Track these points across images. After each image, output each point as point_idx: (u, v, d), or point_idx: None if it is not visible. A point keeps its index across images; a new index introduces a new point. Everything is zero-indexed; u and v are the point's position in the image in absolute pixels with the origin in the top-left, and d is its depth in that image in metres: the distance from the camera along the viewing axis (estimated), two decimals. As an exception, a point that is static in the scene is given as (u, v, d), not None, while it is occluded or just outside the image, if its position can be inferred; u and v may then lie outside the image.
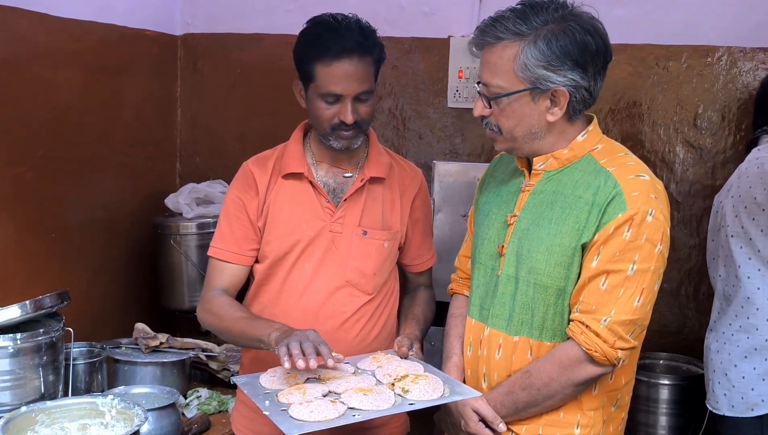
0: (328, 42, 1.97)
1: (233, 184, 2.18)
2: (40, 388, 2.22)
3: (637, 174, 1.72)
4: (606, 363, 1.71)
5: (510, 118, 1.75)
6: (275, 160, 2.15)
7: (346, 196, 2.11)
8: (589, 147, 1.79)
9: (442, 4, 3.25)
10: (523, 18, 1.69)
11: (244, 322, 1.98)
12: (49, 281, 2.75)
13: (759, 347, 2.41)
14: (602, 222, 1.68)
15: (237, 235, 2.13)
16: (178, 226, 3.21)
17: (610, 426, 1.84)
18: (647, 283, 1.69)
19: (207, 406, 2.69)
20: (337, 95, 1.99)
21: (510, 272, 1.81)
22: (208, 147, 3.62)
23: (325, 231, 2.10)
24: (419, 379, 1.80)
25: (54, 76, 2.87)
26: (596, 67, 1.72)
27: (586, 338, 1.69)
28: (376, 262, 2.12)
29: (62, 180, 2.93)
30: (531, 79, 1.69)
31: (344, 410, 1.71)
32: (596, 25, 1.72)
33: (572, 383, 1.74)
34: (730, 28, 2.97)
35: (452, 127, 3.32)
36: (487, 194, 1.98)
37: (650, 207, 1.67)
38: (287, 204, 2.11)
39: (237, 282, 2.15)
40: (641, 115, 3.11)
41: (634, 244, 1.67)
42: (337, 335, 2.07)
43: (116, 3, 3.16)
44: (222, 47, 3.55)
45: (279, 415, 1.70)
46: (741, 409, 2.44)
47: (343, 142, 2.06)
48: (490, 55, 1.74)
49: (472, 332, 1.91)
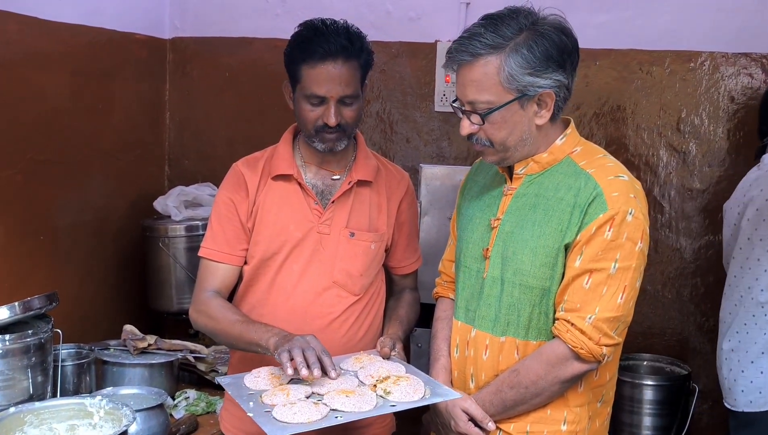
0: (314, 45, 2.00)
1: (223, 185, 2.20)
2: (29, 389, 2.23)
3: (616, 175, 1.76)
4: (591, 359, 1.74)
5: (502, 129, 1.77)
6: (265, 162, 2.17)
7: (333, 198, 2.14)
8: (568, 150, 1.83)
9: (428, 9, 3.28)
10: (497, 30, 1.72)
11: (241, 325, 2.00)
12: (38, 283, 2.76)
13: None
14: (584, 222, 1.73)
15: (228, 236, 2.15)
16: (166, 229, 3.22)
17: (596, 421, 1.88)
18: (629, 281, 1.73)
19: (195, 407, 2.71)
20: (321, 97, 2.02)
21: (495, 274, 1.84)
22: (196, 150, 3.63)
23: (312, 232, 2.12)
24: (401, 381, 1.83)
25: (43, 80, 2.89)
26: (573, 64, 1.77)
27: (571, 336, 1.73)
28: (362, 264, 2.15)
29: (51, 183, 2.94)
30: (518, 88, 1.73)
31: (327, 412, 1.74)
32: (565, 25, 1.77)
33: (559, 380, 1.77)
34: (712, 34, 3.02)
35: (439, 131, 3.35)
36: (469, 199, 2.01)
37: (630, 206, 1.71)
38: (276, 205, 2.13)
39: (229, 283, 2.17)
40: (625, 119, 3.16)
41: (615, 243, 1.71)
42: (324, 335, 2.09)
43: (105, 7, 3.18)
44: (210, 51, 3.57)
45: (262, 417, 1.72)
46: (759, 404, 2.49)
47: (326, 144, 2.08)
48: (470, 73, 1.75)
49: (458, 334, 1.94)
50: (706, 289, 3.11)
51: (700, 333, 3.14)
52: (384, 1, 3.32)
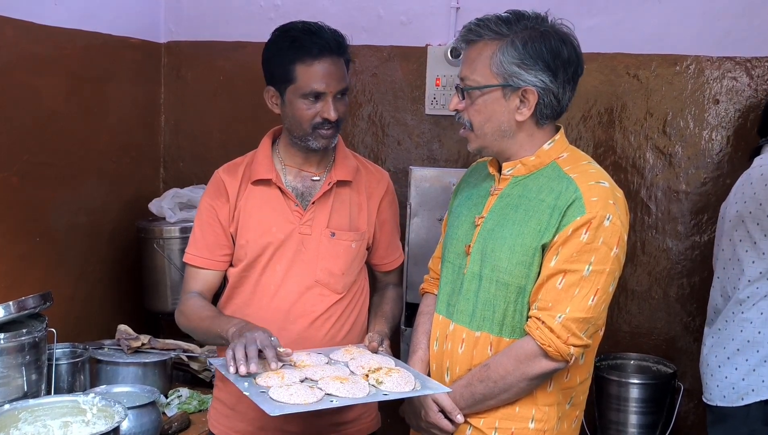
0: (307, 43, 2.05)
1: (205, 191, 2.25)
2: (23, 387, 2.27)
3: (597, 180, 1.80)
4: (559, 358, 1.77)
5: (481, 112, 1.84)
6: (245, 167, 2.22)
7: (313, 199, 2.18)
8: (555, 155, 1.87)
9: (419, 13, 3.33)
10: (506, 22, 1.82)
11: (209, 320, 2.06)
12: (33, 284, 2.80)
13: (751, 340, 2.52)
14: (562, 224, 1.76)
15: (209, 242, 2.20)
16: (161, 231, 3.28)
17: (564, 423, 1.91)
18: (602, 284, 1.76)
19: (187, 405, 2.75)
20: (319, 93, 2.07)
21: (475, 270, 1.89)
22: (191, 153, 3.68)
23: (294, 233, 2.16)
24: (392, 372, 1.87)
25: (39, 83, 2.93)
26: (566, 75, 1.81)
27: (541, 333, 1.77)
28: (344, 262, 2.19)
29: (47, 185, 2.99)
30: (504, 76, 1.79)
31: (322, 396, 1.79)
32: (571, 38, 1.83)
33: (527, 377, 1.80)
34: (698, 38, 3.06)
35: (430, 134, 3.40)
36: (460, 198, 2.06)
37: (608, 212, 1.75)
38: (257, 209, 2.18)
39: (211, 286, 2.22)
40: (612, 122, 3.20)
41: (590, 247, 1.74)
42: (307, 334, 2.14)
43: (100, 11, 3.22)
44: (205, 55, 3.62)
45: (259, 396, 1.76)
46: (732, 399, 2.54)
47: (322, 141, 2.13)
48: (471, 52, 1.85)
49: (438, 328, 1.98)
50: (692, 290, 3.15)
51: (686, 332, 3.18)
52: (376, 6, 3.37)
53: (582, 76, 1.88)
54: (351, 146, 3.40)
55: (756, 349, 2.52)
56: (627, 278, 3.23)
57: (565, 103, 1.86)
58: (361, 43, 3.37)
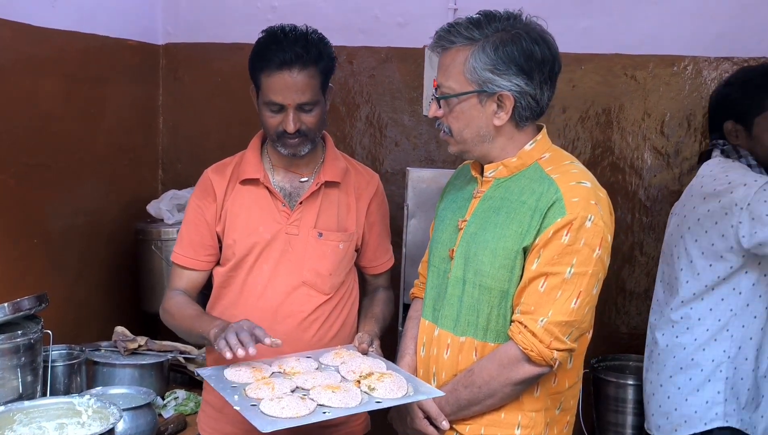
0: (270, 54, 2.06)
1: (194, 191, 2.27)
2: (19, 389, 2.27)
3: (578, 181, 1.78)
4: (542, 363, 1.75)
5: (459, 119, 1.83)
6: (234, 167, 2.23)
7: (301, 199, 2.19)
8: (537, 156, 1.86)
9: (416, 14, 3.33)
10: (477, 25, 1.79)
11: (191, 320, 2.08)
12: (30, 286, 2.79)
13: (684, 367, 2.43)
14: (542, 226, 1.74)
15: (194, 242, 2.22)
16: (159, 232, 3.28)
17: (554, 428, 1.89)
18: (585, 287, 1.73)
19: (184, 406, 2.76)
20: (280, 105, 2.07)
21: (458, 274, 1.87)
22: (189, 154, 3.68)
23: (281, 233, 2.17)
24: (384, 378, 1.85)
25: (36, 85, 2.93)
26: (542, 75, 1.79)
27: (523, 338, 1.75)
28: (331, 263, 2.19)
29: (44, 187, 2.99)
30: (478, 82, 1.78)
31: (314, 407, 1.75)
32: (545, 36, 1.81)
33: (511, 382, 1.78)
34: (695, 39, 3.07)
35: (427, 135, 3.40)
36: (445, 201, 2.05)
37: (590, 213, 1.72)
38: (245, 208, 2.18)
39: (195, 285, 2.24)
40: (610, 122, 3.20)
41: (572, 248, 1.72)
42: (295, 335, 2.14)
43: (98, 13, 3.22)
44: (202, 56, 3.63)
45: (250, 411, 1.73)
46: (666, 431, 2.46)
47: (289, 149, 2.14)
48: (445, 58, 1.84)
49: (425, 333, 1.97)
50: (691, 290, 3.14)
51: (684, 333, 3.17)
52: (372, 7, 3.37)
53: (580, 75, 1.86)
54: (349, 147, 3.42)
55: (689, 377, 2.42)
56: (625, 279, 3.23)
57: (545, 103, 1.84)
58: (359, 44, 3.38)
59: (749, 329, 2.38)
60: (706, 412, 2.40)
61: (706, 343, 2.41)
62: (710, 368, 2.40)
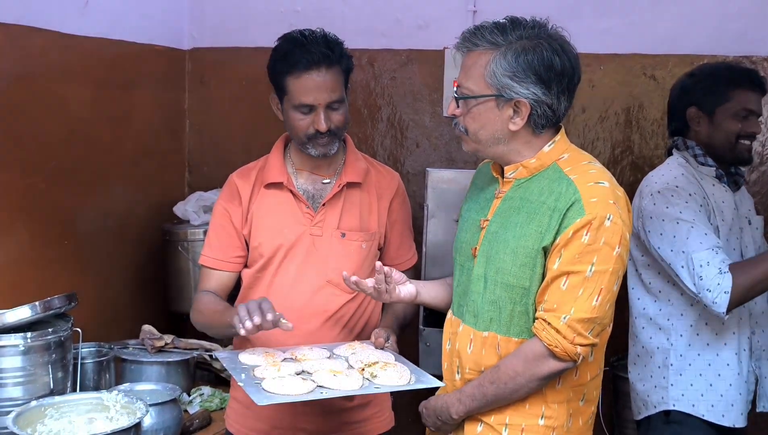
0: (297, 56, 2.11)
1: (220, 195, 2.32)
2: (49, 384, 2.33)
3: (596, 181, 1.81)
4: (566, 358, 1.80)
5: (476, 120, 1.87)
6: (258, 171, 2.28)
7: (324, 200, 2.23)
8: (555, 156, 1.89)
9: (436, 17, 3.37)
10: (501, 31, 1.82)
11: (220, 314, 2.13)
12: (61, 286, 2.84)
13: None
14: (562, 226, 1.78)
15: (223, 244, 2.27)
16: (186, 233, 3.35)
17: (579, 419, 1.93)
18: (605, 284, 1.78)
19: (209, 403, 2.82)
20: (310, 105, 2.12)
21: (480, 272, 1.92)
22: (215, 157, 3.75)
23: (305, 235, 2.22)
24: (388, 367, 1.93)
25: (66, 91, 3.01)
26: (560, 86, 1.82)
27: (547, 335, 1.79)
28: (355, 263, 2.24)
29: (74, 190, 3.06)
30: (497, 87, 1.82)
31: (313, 387, 1.86)
32: (566, 48, 1.83)
33: (536, 377, 1.83)
34: (714, 38, 3.07)
35: (448, 135, 3.43)
36: (468, 201, 2.10)
37: (608, 212, 1.76)
38: (270, 211, 2.24)
39: (224, 287, 2.29)
40: (630, 122, 3.21)
41: (592, 247, 1.76)
42: (320, 333, 2.20)
43: (125, 20, 3.30)
44: (228, 60, 3.69)
45: (252, 387, 1.85)
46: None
47: (320, 149, 2.18)
48: (467, 60, 1.88)
49: (450, 327, 2.02)
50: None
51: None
52: (393, 10, 3.42)
53: (600, 75, 1.88)
54: (370, 149, 3.46)
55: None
56: (645, 278, 3.23)
57: (561, 112, 1.87)
58: (380, 47, 3.42)
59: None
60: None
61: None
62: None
